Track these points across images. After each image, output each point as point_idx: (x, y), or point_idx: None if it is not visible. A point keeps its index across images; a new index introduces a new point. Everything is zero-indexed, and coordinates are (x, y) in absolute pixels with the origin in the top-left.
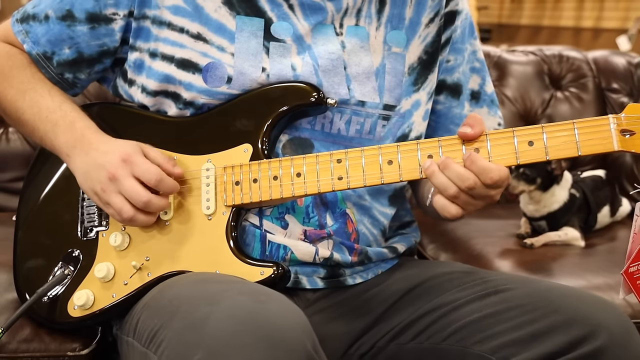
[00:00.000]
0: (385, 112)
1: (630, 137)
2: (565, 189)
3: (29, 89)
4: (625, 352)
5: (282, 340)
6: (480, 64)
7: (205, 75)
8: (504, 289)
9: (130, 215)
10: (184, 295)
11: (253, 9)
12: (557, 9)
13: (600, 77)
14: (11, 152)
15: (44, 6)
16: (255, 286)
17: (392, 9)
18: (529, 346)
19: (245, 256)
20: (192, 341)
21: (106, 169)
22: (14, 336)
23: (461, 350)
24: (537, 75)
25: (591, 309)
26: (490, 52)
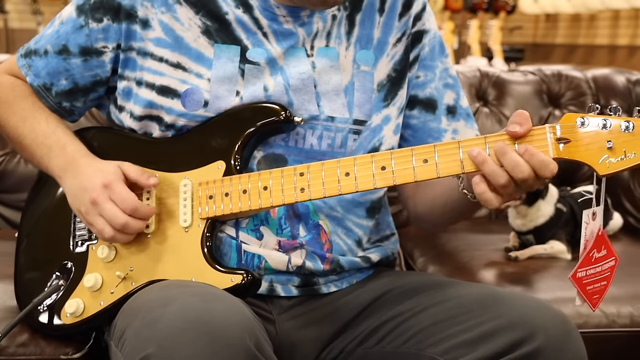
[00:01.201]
0: (356, 126)
1: (566, 145)
2: (551, 203)
3: (29, 117)
4: (561, 354)
5: (223, 336)
6: (454, 80)
7: (183, 100)
8: (455, 296)
9: (111, 235)
10: (146, 300)
11: (230, 37)
12: (592, 27)
13: (599, 94)
14: (27, 173)
15: (44, 42)
16: (210, 289)
17: (360, 30)
18: (475, 347)
19: (218, 264)
20: (147, 337)
21: (89, 193)
22: (12, 341)
23: (416, 353)
24: (536, 94)
25: (533, 313)
26: (488, 72)
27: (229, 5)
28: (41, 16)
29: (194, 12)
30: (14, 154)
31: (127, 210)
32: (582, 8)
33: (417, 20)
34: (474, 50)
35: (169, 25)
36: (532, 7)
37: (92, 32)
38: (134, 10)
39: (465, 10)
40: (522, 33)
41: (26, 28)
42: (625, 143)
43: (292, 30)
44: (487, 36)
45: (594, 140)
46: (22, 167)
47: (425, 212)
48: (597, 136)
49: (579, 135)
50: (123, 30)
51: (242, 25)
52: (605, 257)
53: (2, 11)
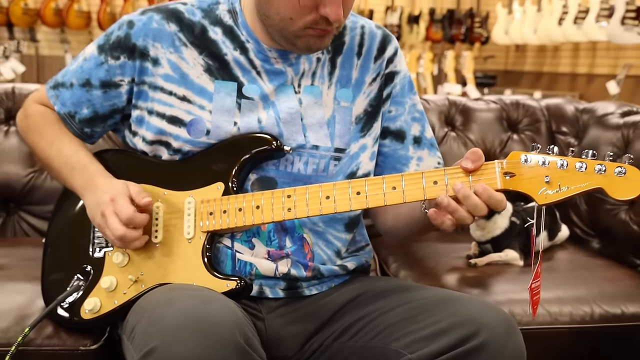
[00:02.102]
0: (336, 154)
1: (511, 177)
2: (506, 217)
3: (56, 141)
4: (503, 348)
5: (215, 333)
6: (420, 114)
7: (189, 128)
8: (416, 298)
9: (118, 244)
10: (153, 300)
11: (228, 75)
12: (556, 57)
13: (552, 121)
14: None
15: (70, 76)
16: (207, 292)
17: (341, 71)
18: (432, 342)
19: (216, 271)
20: (152, 332)
21: (101, 207)
22: (39, 333)
23: (383, 347)
24: (497, 120)
25: (480, 312)
26: (456, 100)
27: (228, 47)
28: (68, 44)
29: (198, 52)
30: (41, 171)
31: (123, 221)
32: (547, 40)
33: (390, 63)
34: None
35: (176, 64)
36: (503, 39)
37: (111, 68)
38: (147, 50)
39: (445, 41)
40: (494, 61)
41: (55, 55)
42: (561, 178)
43: (282, 70)
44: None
45: (535, 174)
46: (48, 183)
47: (393, 228)
48: (537, 171)
49: (522, 170)
50: (137, 67)
51: (239, 65)
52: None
53: (33, 40)
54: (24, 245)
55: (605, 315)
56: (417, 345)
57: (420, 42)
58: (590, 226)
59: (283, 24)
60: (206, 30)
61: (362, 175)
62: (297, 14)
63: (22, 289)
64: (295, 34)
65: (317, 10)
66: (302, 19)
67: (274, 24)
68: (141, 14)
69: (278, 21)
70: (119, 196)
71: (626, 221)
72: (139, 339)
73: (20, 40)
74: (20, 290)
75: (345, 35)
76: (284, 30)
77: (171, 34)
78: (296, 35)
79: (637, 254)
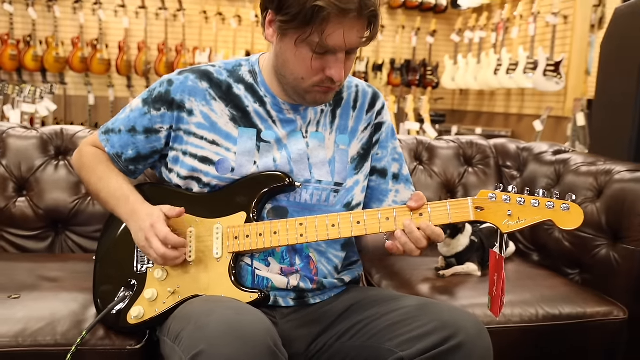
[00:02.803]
0: (336, 187)
1: (481, 211)
2: (467, 236)
3: (105, 177)
4: (476, 345)
5: (251, 338)
6: (399, 156)
7: (217, 167)
8: (404, 306)
9: (160, 262)
10: (194, 311)
11: (250, 123)
12: (492, 100)
13: (499, 157)
14: (95, 212)
15: (119, 124)
16: (238, 304)
17: (340, 120)
18: (418, 342)
19: (241, 285)
20: (199, 338)
21: (144, 232)
22: (93, 335)
23: (378, 346)
24: (455, 156)
25: (457, 317)
26: (422, 140)
27: (249, 101)
28: (90, 86)
29: (225, 105)
30: (84, 199)
31: (161, 240)
32: (485, 86)
33: (379, 115)
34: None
35: (207, 114)
36: (450, 84)
37: (153, 117)
38: (183, 104)
39: (403, 85)
40: (443, 102)
41: (80, 95)
42: (520, 212)
43: (293, 119)
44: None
45: (499, 209)
46: (90, 208)
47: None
48: (501, 206)
49: (489, 205)
50: (175, 117)
51: (258, 115)
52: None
53: (62, 83)
54: (72, 261)
55: (547, 316)
56: (407, 345)
57: (383, 86)
58: (531, 242)
59: (296, 82)
60: (231, 87)
61: (356, 205)
62: (308, 75)
63: (75, 298)
64: (306, 90)
65: (324, 71)
66: (312, 78)
67: (288, 82)
68: (179, 74)
69: (292, 80)
70: (157, 221)
71: (559, 239)
72: (186, 343)
73: (53, 84)
74: (74, 299)
75: (344, 92)
76: (296, 87)
77: (203, 91)
78: (306, 91)
79: (568, 265)
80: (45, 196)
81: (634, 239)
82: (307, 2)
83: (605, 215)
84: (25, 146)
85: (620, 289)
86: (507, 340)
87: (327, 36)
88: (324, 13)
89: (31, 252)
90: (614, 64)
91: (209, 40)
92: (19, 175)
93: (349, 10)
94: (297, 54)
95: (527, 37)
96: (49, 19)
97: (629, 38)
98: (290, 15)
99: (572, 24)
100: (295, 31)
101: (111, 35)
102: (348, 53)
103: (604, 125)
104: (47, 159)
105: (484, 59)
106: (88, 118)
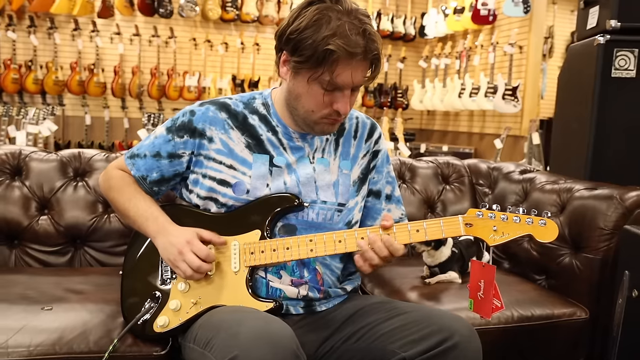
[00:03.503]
0: (339, 207)
1: (470, 227)
2: (449, 247)
3: (133, 198)
4: (468, 346)
5: (280, 344)
6: (392, 179)
7: (234, 188)
8: (405, 312)
9: (190, 274)
10: (224, 320)
11: (263, 150)
12: (457, 120)
13: (472, 176)
14: (111, 228)
15: (144, 149)
16: (264, 314)
17: (342, 148)
18: (418, 344)
19: (257, 296)
20: (232, 345)
21: (177, 247)
22: (123, 343)
23: (382, 348)
24: (434, 175)
25: (451, 322)
26: (405, 161)
27: (263, 129)
28: (87, 107)
29: (241, 133)
30: (101, 216)
31: (202, 257)
32: (450, 108)
33: (376, 144)
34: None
35: (225, 142)
36: (419, 106)
37: (177, 144)
38: (204, 132)
39: (376, 107)
40: (412, 122)
41: (77, 115)
42: (503, 227)
43: (301, 146)
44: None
45: (486, 225)
46: (107, 225)
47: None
48: (487, 223)
49: (477, 222)
50: (196, 144)
51: (270, 143)
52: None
53: (61, 104)
54: (92, 274)
55: (521, 317)
56: (408, 346)
57: (358, 107)
58: (503, 252)
59: (307, 115)
60: (247, 117)
61: (355, 223)
62: (318, 108)
63: (102, 309)
64: (315, 121)
65: (332, 106)
66: (321, 111)
67: (299, 114)
68: (200, 106)
69: (303, 112)
70: (194, 240)
71: (528, 248)
72: (219, 349)
73: (54, 106)
74: (101, 310)
75: (346, 123)
76: (306, 119)
77: (222, 120)
78: (315, 123)
79: (536, 272)
80: (65, 214)
81: (593, 248)
82: (320, 45)
83: (568, 228)
84: (47, 168)
85: (582, 293)
86: (489, 339)
87: (336, 75)
88: (335, 56)
89: (53, 266)
90: (570, 93)
91: (198, 65)
92: (41, 195)
93: (356, 53)
94: (309, 90)
95: (488, 65)
96: (49, 45)
97: (582, 71)
98: (305, 56)
99: (527, 53)
100: (308, 70)
101: (107, 60)
102: (353, 90)
103: (563, 147)
104: (66, 180)
105: (449, 84)
106: (85, 137)
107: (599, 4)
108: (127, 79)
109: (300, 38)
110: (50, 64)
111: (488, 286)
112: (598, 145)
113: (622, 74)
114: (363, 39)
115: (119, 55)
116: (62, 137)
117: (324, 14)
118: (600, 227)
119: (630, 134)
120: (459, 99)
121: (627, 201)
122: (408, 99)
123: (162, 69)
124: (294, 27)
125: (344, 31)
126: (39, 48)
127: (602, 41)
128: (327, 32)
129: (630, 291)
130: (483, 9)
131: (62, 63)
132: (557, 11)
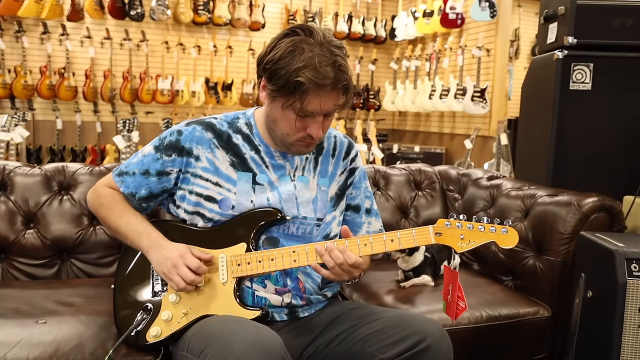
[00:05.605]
0: (318, 222)
1: (439, 235)
2: (422, 253)
3: (124, 215)
4: (441, 347)
5: (270, 350)
6: (369, 194)
7: (219, 204)
8: (381, 317)
9: (182, 287)
10: (216, 329)
11: (246, 168)
12: (428, 121)
13: (443, 182)
14: (97, 240)
15: (132, 167)
16: (254, 323)
17: (321, 166)
18: (394, 346)
19: (244, 305)
20: (226, 353)
21: (171, 261)
22: (118, 353)
23: (361, 350)
24: (406, 182)
25: (424, 325)
26: (379, 169)
27: (246, 149)
28: (58, 111)
29: (225, 152)
30: (87, 229)
31: (194, 269)
32: (421, 109)
33: (353, 161)
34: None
35: (211, 160)
36: (391, 107)
37: (165, 162)
38: (191, 151)
39: (349, 108)
40: (385, 123)
41: (47, 119)
42: (470, 236)
43: (283, 165)
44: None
45: (454, 234)
46: (93, 237)
47: None
48: (455, 231)
49: (445, 230)
50: (184, 162)
51: (253, 161)
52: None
53: (31, 109)
54: (81, 286)
55: (489, 317)
56: (385, 349)
57: None
58: (473, 255)
59: (283, 137)
60: (231, 137)
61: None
62: (292, 132)
63: (94, 321)
64: (291, 143)
65: (306, 130)
66: (295, 135)
67: (277, 136)
68: (186, 125)
69: (280, 135)
70: (187, 254)
71: (496, 252)
72: (213, 358)
73: (25, 112)
74: (93, 322)
75: (324, 142)
76: (283, 141)
77: (208, 140)
78: (291, 144)
79: (503, 273)
80: (51, 228)
81: (554, 251)
82: (291, 76)
83: (532, 232)
84: (31, 183)
85: (544, 293)
86: (460, 338)
87: (307, 104)
88: (304, 87)
89: (40, 278)
90: (533, 103)
91: (170, 68)
92: (26, 209)
93: (325, 85)
94: (283, 115)
95: (457, 67)
96: (17, 48)
97: (542, 83)
98: (278, 85)
99: (494, 56)
100: (282, 98)
101: (78, 63)
102: (326, 115)
103: (527, 154)
104: (51, 194)
105: (419, 85)
106: (56, 141)
107: (557, 21)
108: (99, 82)
109: (275, 68)
110: (19, 68)
111: (454, 290)
112: (558, 153)
113: (579, 86)
114: (333, 70)
115: (90, 59)
116: (33, 142)
117: (297, 46)
118: (560, 231)
119: (587, 142)
120: (429, 100)
121: (583, 207)
122: (380, 100)
123: (134, 72)
124: (270, 57)
125: (314, 63)
126: (6, 52)
127: (561, 56)
128: (298, 65)
129: (586, 292)
130: (451, 13)
131: (31, 67)
132: (522, 14)
